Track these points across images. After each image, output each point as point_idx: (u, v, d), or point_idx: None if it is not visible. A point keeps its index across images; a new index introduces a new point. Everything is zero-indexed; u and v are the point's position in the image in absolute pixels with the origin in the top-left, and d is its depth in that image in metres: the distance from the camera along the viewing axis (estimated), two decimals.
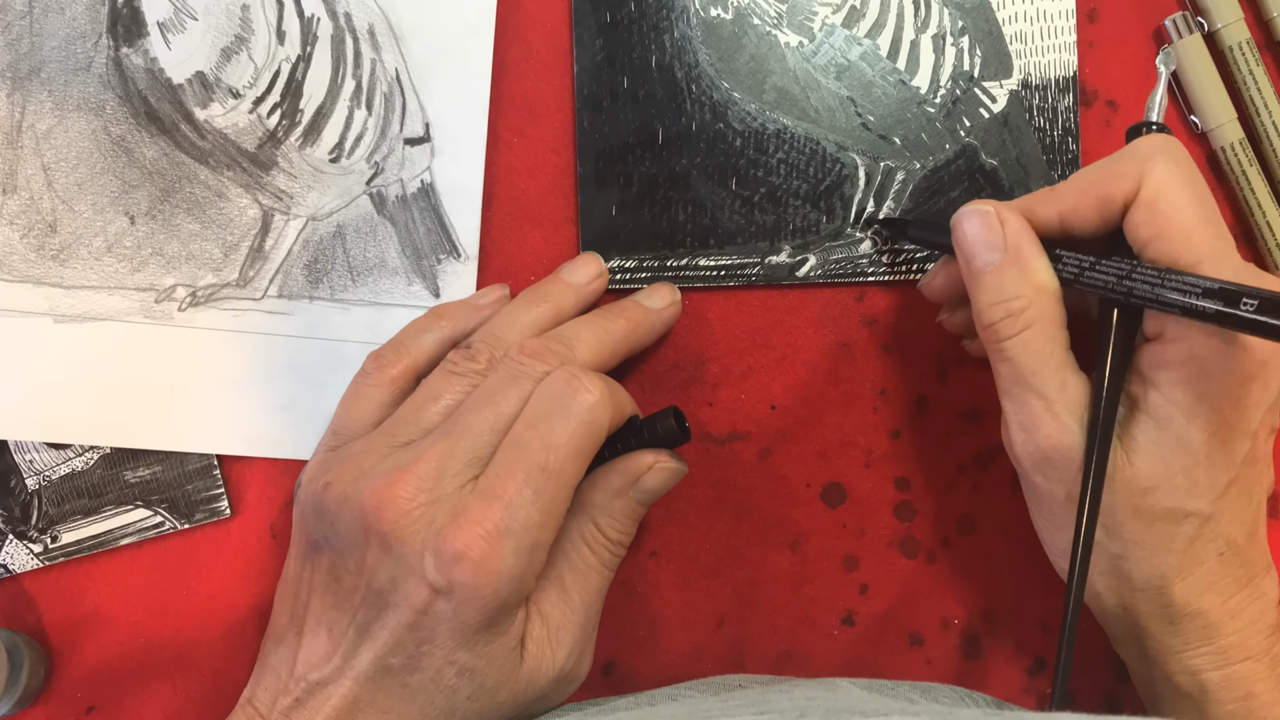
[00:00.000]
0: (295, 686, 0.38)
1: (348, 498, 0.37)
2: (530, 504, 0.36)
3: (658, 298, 0.44)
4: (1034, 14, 0.46)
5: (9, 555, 0.44)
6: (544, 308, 0.43)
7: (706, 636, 0.46)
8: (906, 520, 0.47)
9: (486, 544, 0.35)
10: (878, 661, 0.47)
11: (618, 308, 0.43)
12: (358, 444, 0.40)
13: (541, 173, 0.46)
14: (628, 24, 0.45)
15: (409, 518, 0.36)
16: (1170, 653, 0.39)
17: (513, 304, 0.43)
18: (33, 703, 0.45)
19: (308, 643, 0.38)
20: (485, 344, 0.41)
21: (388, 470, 0.37)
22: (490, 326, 0.42)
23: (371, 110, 0.45)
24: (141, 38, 0.44)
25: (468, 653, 0.37)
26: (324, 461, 0.40)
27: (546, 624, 0.39)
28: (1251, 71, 0.46)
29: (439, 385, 0.40)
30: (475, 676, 0.37)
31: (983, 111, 0.46)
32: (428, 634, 0.36)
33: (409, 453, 0.38)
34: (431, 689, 0.37)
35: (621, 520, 0.41)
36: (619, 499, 0.41)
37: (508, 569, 0.36)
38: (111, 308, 0.44)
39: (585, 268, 0.44)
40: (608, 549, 0.41)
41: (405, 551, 0.36)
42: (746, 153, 0.46)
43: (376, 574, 0.37)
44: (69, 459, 0.44)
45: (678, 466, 0.41)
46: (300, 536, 0.40)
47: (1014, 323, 0.37)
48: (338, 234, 0.45)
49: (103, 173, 0.44)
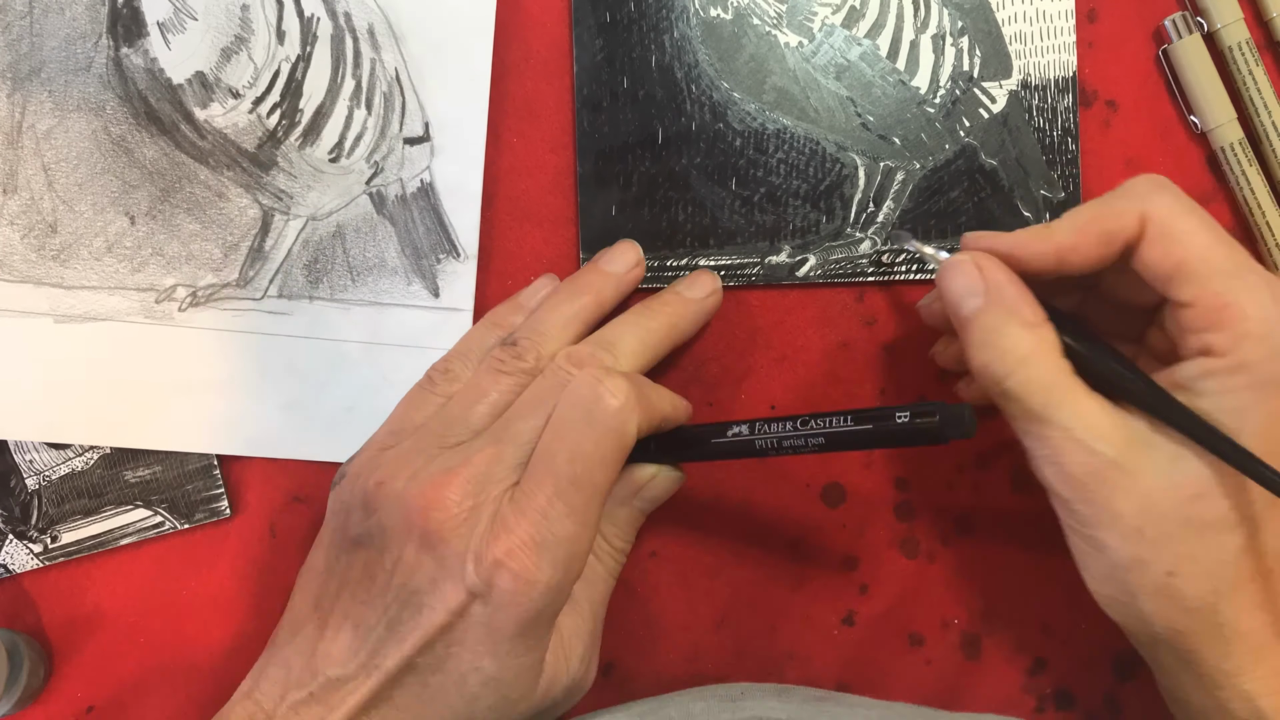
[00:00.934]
0: (310, 681, 0.37)
1: (397, 496, 0.37)
2: (564, 517, 0.36)
3: (699, 287, 0.44)
4: (1033, 14, 0.46)
5: (9, 555, 0.44)
6: (586, 299, 0.42)
7: (706, 636, 0.46)
8: (906, 520, 0.47)
9: (524, 554, 0.36)
10: (878, 662, 0.47)
11: (659, 302, 0.43)
12: (408, 443, 0.39)
13: (541, 172, 0.46)
14: (627, 24, 0.45)
15: (454, 520, 0.36)
16: (1225, 677, 0.37)
17: (555, 297, 0.43)
18: (33, 703, 0.45)
19: (330, 636, 0.38)
20: (530, 340, 0.41)
21: (437, 472, 0.37)
22: (535, 321, 0.42)
23: (371, 110, 0.45)
24: (141, 38, 0.44)
25: (495, 661, 0.37)
26: (374, 459, 0.40)
27: (560, 634, 0.39)
28: (1251, 71, 0.46)
29: (486, 384, 0.40)
30: (500, 688, 0.37)
31: (982, 112, 0.46)
32: (459, 636, 0.36)
33: (458, 455, 0.38)
34: (452, 693, 0.37)
35: (624, 528, 0.42)
36: (623, 507, 0.41)
37: (544, 579, 0.36)
38: (112, 308, 0.44)
39: (624, 256, 0.44)
40: (612, 556, 0.42)
41: (448, 553, 0.36)
42: (746, 153, 0.46)
43: (416, 573, 0.37)
44: (69, 459, 0.44)
45: (678, 475, 0.42)
46: (338, 529, 0.40)
47: (1007, 361, 0.36)
48: (337, 234, 0.45)
49: (103, 173, 0.44)
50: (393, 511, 0.37)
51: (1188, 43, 0.46)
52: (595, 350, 0.40)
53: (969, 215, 0.46)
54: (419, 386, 0.42)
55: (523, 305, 0.44)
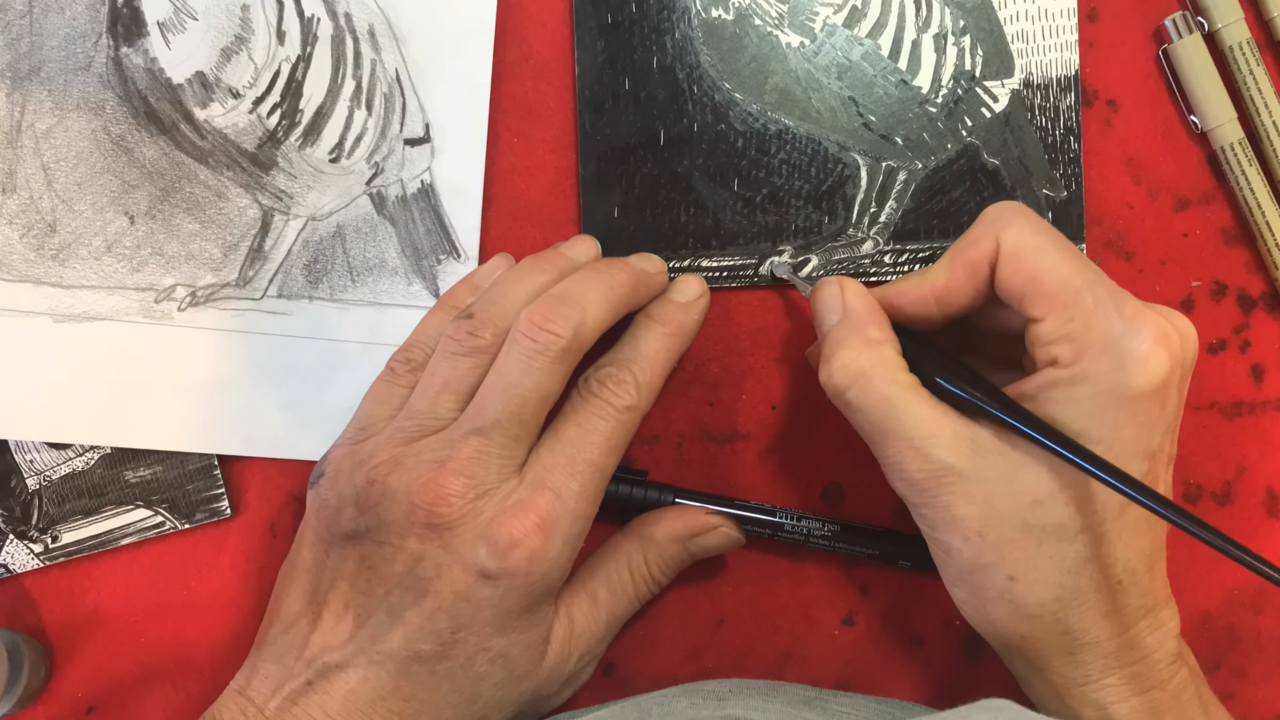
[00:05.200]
0: (306, 670, 0.38)
1: (396, 492, 0.38)
2: (578, 495, 0.38)
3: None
4: (1035, 13, 0.46)
5: (9, 555, 0.44)
6: (547, 277, 0.41)
7: (706, 636, 0.46)
8: (907, 520, 0.47)
9: (541, 532, 0.37)
10: (878, 662, 0.47)
11: (618, 261, 0.43)
12: (383, 437, 0.39)
13: (542, 173, 0.46)
14: (629, 25, 0.45)
15: (459, 509, 0.37)
16: (1074, 685, 0.38)
17: (514, 271, 0.42)
18: (33, 703, 0.45)
19: (328, 626, 0.38)
20: (488, 314, 0.40)
21: (429, 464, 0.38)
22: (493, 293, 0.41)
23: (371, 110, 0.45)
24: (141, 37, 0.43)
25: (503, 638, 0.38)
26: (351, 454, 0.40)
27: (572, 627, 0.41)
28: (1251, 71, 0.46)
29: (445, 369, 0.40)
30: (507, 663, 0.38)
31: (984, 111, 0.46)
32: (467, 620, 0.37)
33: (444, 445, 0.38)
34: (460, 675, 0.38)
35: (669, 564, 0.43)
36: (674, 544, 0.43)
37: (555, 555, 0.37)
38: (111, 307, 0.44)
39: (584, 247, 0.44)
40: (647, 584, 0.43)
41: (457, 542, 0.37)
42: (748, 153, 0.46)
43: (420, 562, 0.37)
44: (69, 459, 0.44)
45: (738, 536, 0.44)
46: (324, 526, 0.40)
47: (848, 374, 0.38)
48: (337, 234, 0.45)
49: (102, 172, 0.44)
50: (392, 507, 0.38)
51: (1188, 42, 0.46)
52: (559, 306, 0.39)
53: (971, 215, 0.46)
54: (381, 379, 0.42)
55: (477, 285, 0.44)
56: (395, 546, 0.38)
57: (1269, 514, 0.48)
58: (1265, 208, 0.46)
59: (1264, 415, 0.48)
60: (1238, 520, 0.47)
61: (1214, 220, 0.47)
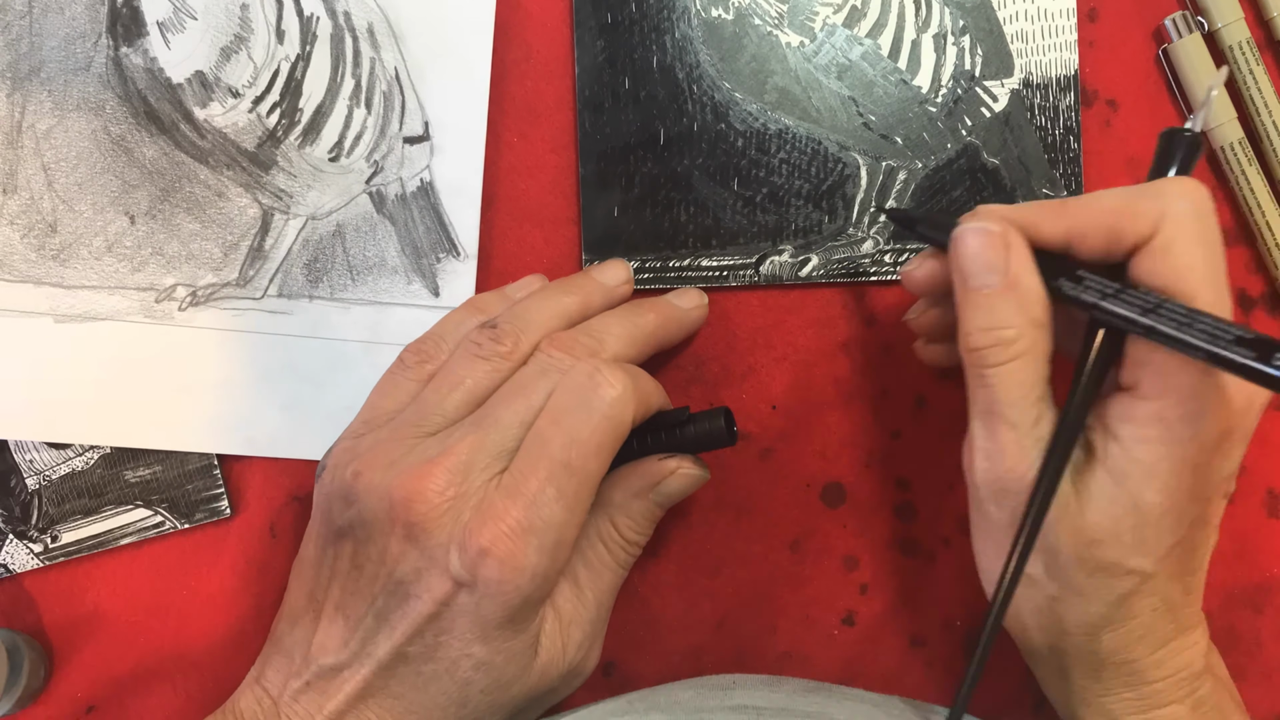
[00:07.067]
0: (306, 670, 0.38)
1: (377, 487, 0.37)
2: (554, 501, 0.36)
3: (686, 299, 0.45)
4: (1035, 13, 0.46)
5: (9, 555, 0.44)
6: (573, 298, 0.42)
7: (706, 636, 0.46)
8: (907, 520, 0.47)
9: (511, 541, 0.36)
10: (878, 662, 0.47)
11: (648, 302, 0.43)
12: (384, 431, 0.39)
13: (542, 172, 0.46)
14: (628, 25, 0.45)
15: (437, 510, 0.36)
16: (1092, 695, 0.38)
17: (543, 291, 0.43)
18: (33, 703, 0.45)
19: (324, 627, 0.38)
20: (512, 326, 0.40)
21: (417, 461, 0.37)
22: (519, 309, 0.41)
23: (371, 109, 0.45)
24: (141, 37, 0.43)
25: (485, 647, 0.37)
26: (351, 448, 0.40)
27: (559, 618, 0.40)
28: (1251, 71, 0.46)
29: (462, 369, 0.40)
30: (491, 671, 0.38)
31: (984, 111, 0.46)
32: (447, 625, 0.37)
33: (437, 444, 0.38)
34: (445, 679, 0.38)
35: (639, 521, 0.41)
36: (638, 500, 0.41)
37: (530, 566, 0.36)
38: (112, 307, 0.44)
39: (615, 271, 0.44)
40: (623, 548, 0.42)
41: (431, 544, 0.36)
42: (748, 153, 0.46)
43: (400, 564, 0.37)
44: (69, 459, 0.44)
45: (700, 473, 0.41)
46: (323, 521, 0.40)
47: (1002, 351, 0.36)
48: (337, 233, 0.45)
49: (103, 172, 0.44)
50: (372, 503, 0.37)
51: (1188, 42, 0.46)
52: (581, 337, 0.40)
53: None
54: (392, 370, 0.42)
55: (508, 296, 0.44)
56: (380, 547, 0.37)
57: (1269, 514, 0.48)
58: (1265, 208, 0.46)
59: (1264, 415, 0.48)
60: (1238, 520, 0.47)
61: None
